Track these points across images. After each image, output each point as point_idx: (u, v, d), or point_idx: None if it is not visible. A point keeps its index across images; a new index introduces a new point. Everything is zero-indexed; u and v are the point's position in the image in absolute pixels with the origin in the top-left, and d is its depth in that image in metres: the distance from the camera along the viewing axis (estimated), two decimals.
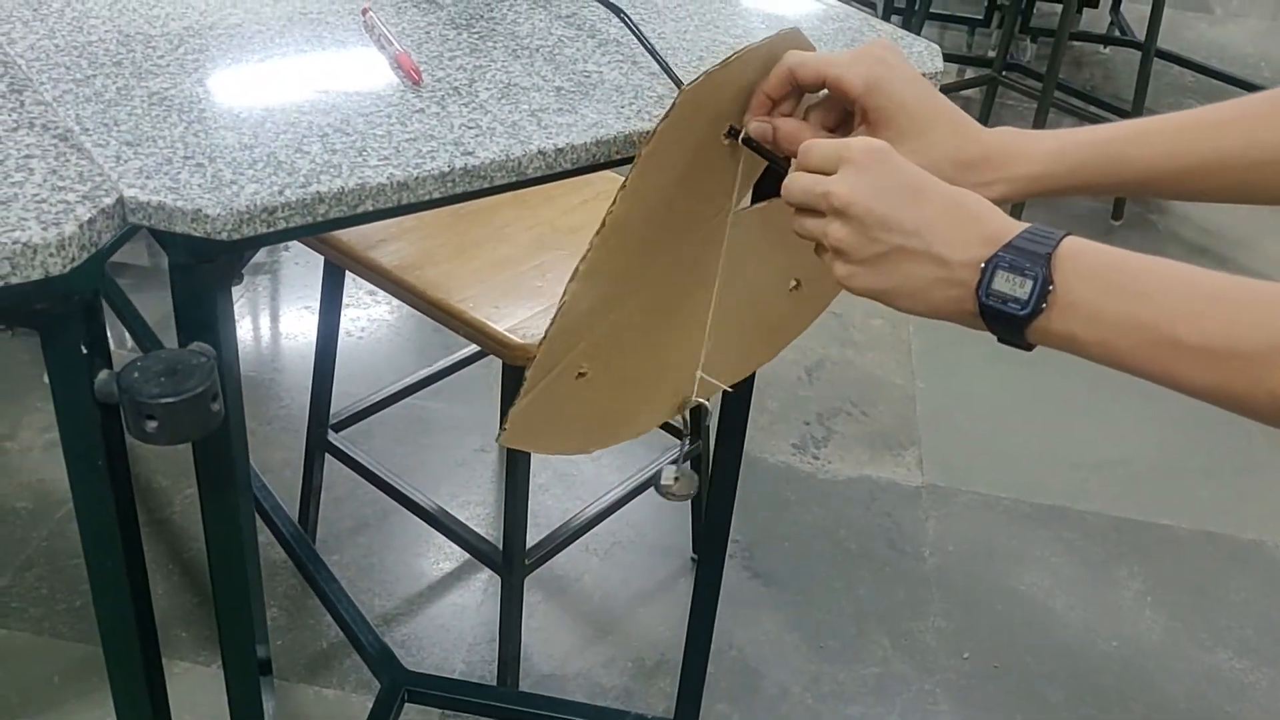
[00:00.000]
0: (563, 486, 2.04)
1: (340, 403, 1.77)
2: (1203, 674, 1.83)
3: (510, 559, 1.54)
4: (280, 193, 0.72)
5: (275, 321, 2.39)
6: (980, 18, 4.00)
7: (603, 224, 0.81)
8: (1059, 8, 3.01)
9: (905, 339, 2.55)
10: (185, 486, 1.94)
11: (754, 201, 1.00)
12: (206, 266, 0.75)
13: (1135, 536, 2.08)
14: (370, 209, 0.76)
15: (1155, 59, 3.01)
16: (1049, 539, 2.06)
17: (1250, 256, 3.05)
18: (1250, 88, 3.87)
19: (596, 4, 1.04)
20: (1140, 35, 4.08)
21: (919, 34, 2.87)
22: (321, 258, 1.52)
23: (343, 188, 0.74)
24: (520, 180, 0.81)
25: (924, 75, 0.84)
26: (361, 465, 1.70)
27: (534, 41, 0.97)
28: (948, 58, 3.92)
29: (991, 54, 3.61)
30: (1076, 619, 1.90)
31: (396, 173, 0.76)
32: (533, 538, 1.68)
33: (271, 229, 0.72)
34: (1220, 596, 1.98)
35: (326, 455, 1.76)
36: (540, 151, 0.82)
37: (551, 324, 0.85)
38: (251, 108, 0.81)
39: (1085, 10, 4.34)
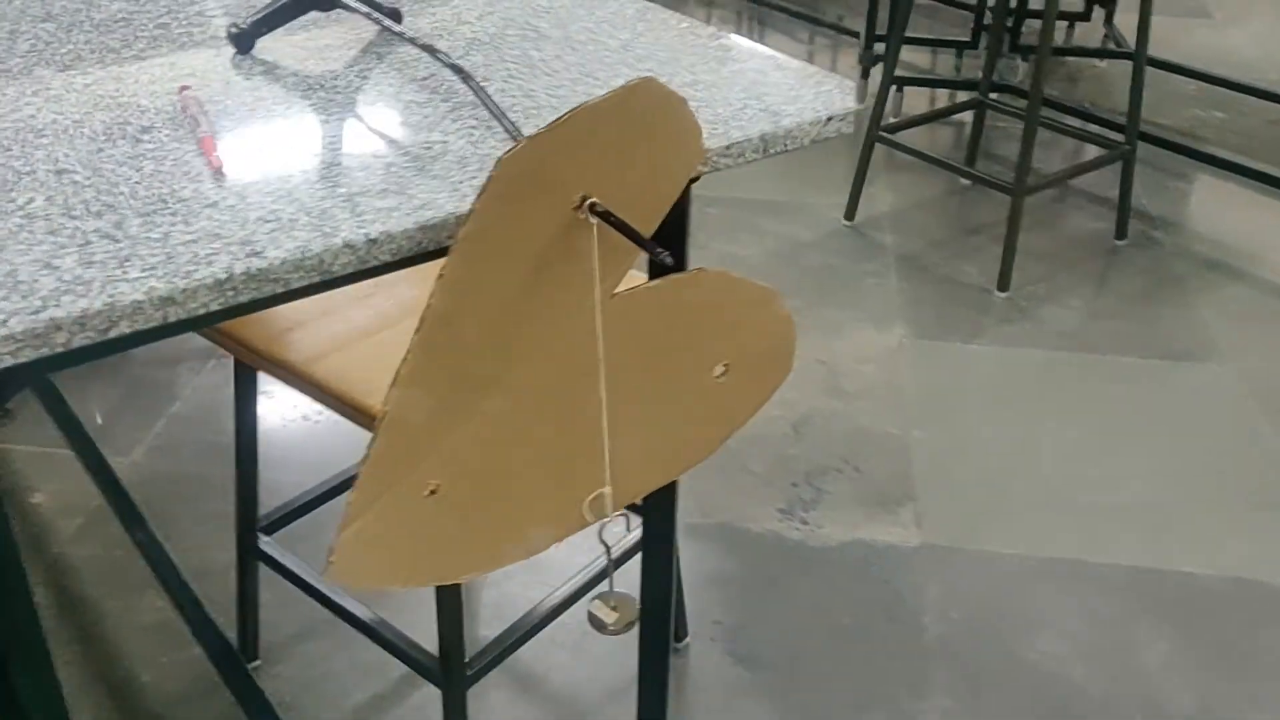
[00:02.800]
0: (529, 572, 1.89)
1: (285, 495, 1.64)
2: None
3: (449, 671, 1.39)
4: (4, 322, 0.58)
5: (215, 409, 2.27)
6: (967, 39, 3.86)
7: (422, 321, 0.68)
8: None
9: (899, 385, 2.40)
10: (112, 596, 1.80)
11: (652, 277, 0.86)
12: None
13: (1156, 589, 1.91)
14: (126, 331, 0.62)
15: (1156, 69, 2.86)
16: (1062, 598, 1.89)
17: (1262, 269, 2.87)
18: (1256, 93, 3.71)
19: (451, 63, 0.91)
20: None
21: (897, 59, 2.71)
22: None
23: (85, 310, 0.60)
24: (327, 279, 0.67)
25: (830, 117, 0.71)
26: (291, 572, 1.56)
27: (377, 108, 0.84)
28: (937, 83, 3.79)
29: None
30: (1097, 690, 1.73)
31: (159, 285, 0.62)
32: (493, 631, 1.54)
33: None
34: (1256, 653, 1.80)
35: (261, 562, 1.62)
36: (348, 244, 0.68)
37: (372, 442, 0.71)
38: (7, 215, 0.68)
39: (1078, 25, 4.20)
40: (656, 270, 0.84)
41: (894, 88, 3.62)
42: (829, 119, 0.85)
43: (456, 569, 0.82)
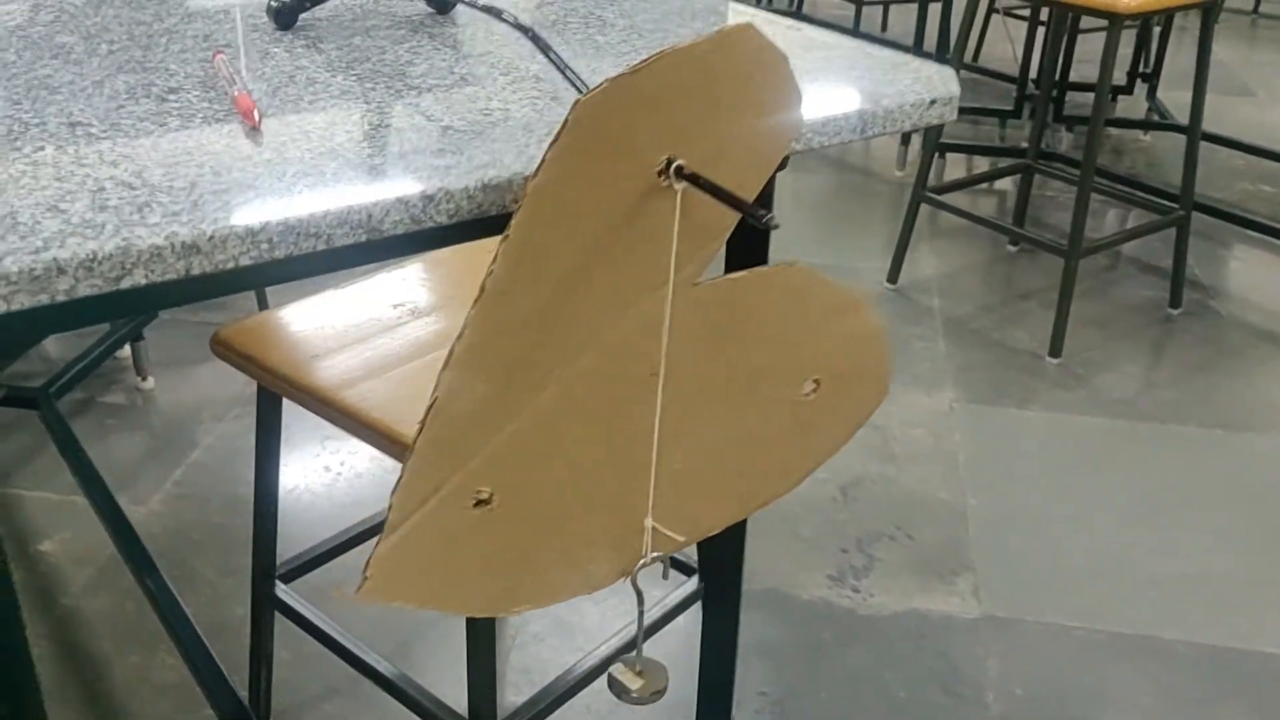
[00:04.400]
0: (561, 635, 1.77)
1: (304, 546, 1.54)
2: None
3: None
4: None
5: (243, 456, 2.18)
6: (1010, 109, 3.81)
7: (481, 290, 0.58)
8: (1091, 97, 2.80)
9: (951, 450, 2.29)
10: (122, 652, 1.70)
11: (728, 269, 0.77)
12: None
13: (1235, 667, 1.78)
14: (141, 281, 0.53)
15: (1204, 143, 2.79)
16: (1133, 675, 1.75)
17: None
18: None
19: (512, 31, 0.83)
20: (1181, 120, 3.87)
21: (939, 139, 2.64)
22: None
23: (95, 253, 0.51)
24: (375, 240, 0.58)
25: (934, 100, 0.62)
26: (310, 623, 1.45)
27: (428, 81, 0.76)
28: (982, 150, 3.72)
29: (1025, 145, 3.40)
30: None
31: (182, 231, 0.53)
32: (521, 696, 1.42)
33: None
34: None
35: (278, 612, 1.51)
36: (401, 200, 0.59)
37: (420, 432, 0.61)
38: (9, 163, 0.60)
39: (1120, 98, 4.14)
40: (736, 265, 0.75)
41: (936, 154, 3.56)
42: (932, 102, 0.76)
43: (507, 597, 0.71)
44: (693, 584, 1.47)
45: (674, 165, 0.62)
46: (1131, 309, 2.88)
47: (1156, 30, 4.07)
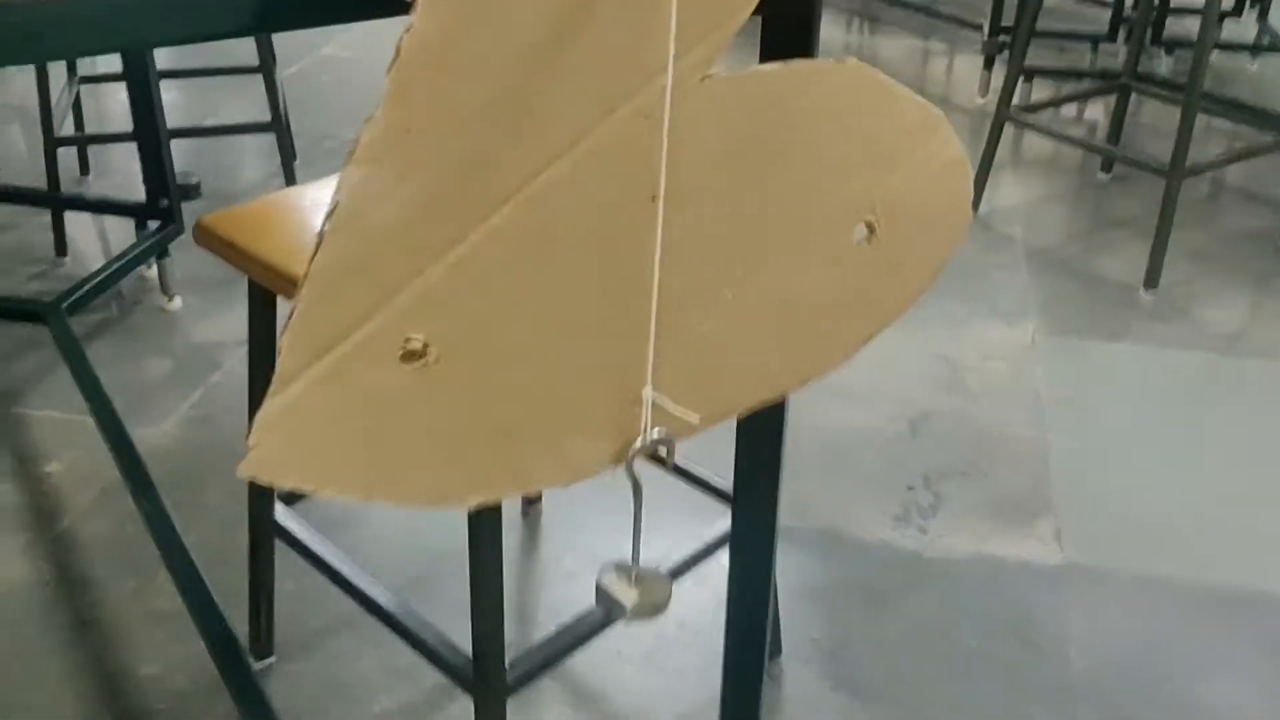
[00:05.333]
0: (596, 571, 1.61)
1: None
2: None
3: (483, 675, 1.12)
4: None
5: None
6: (1104, 32, 3.54)
7: (396, 54, 0.42)
8: (1191, 21, 2.55)
9: (1032, 384, 2.08)
10: (119, 578, 1.57)
11: (764, 56, 0.59)
12: None
13: None
14: None
15: None
16: (1237, 634, 1.55)
17: None
18: None
19: None
20: None
21: (1026, 47, 2.42)
22: None
23: None
24: None
25: None
26: (312, 552, 1.31)
27: None
28: (1066, 73, 3.46)
29: (1118, 70, 3.14)
30: None
31: None
32: (542, 635, 1.27)
33: None
34: None
35: (279, 540, 1.38)
36: None
37: (318, 248, 0.45)
38: None
39: (1225, 21, 3.84)
40: (770, 52, 0.57)
41: (1022, 78, 3.31)
42: None
43: (457, 484, 0.55)
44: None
45: None
46: (1237, 239, 2.63)
47: None
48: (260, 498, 1.35)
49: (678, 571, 1.36)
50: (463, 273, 0.50)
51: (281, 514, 1.35)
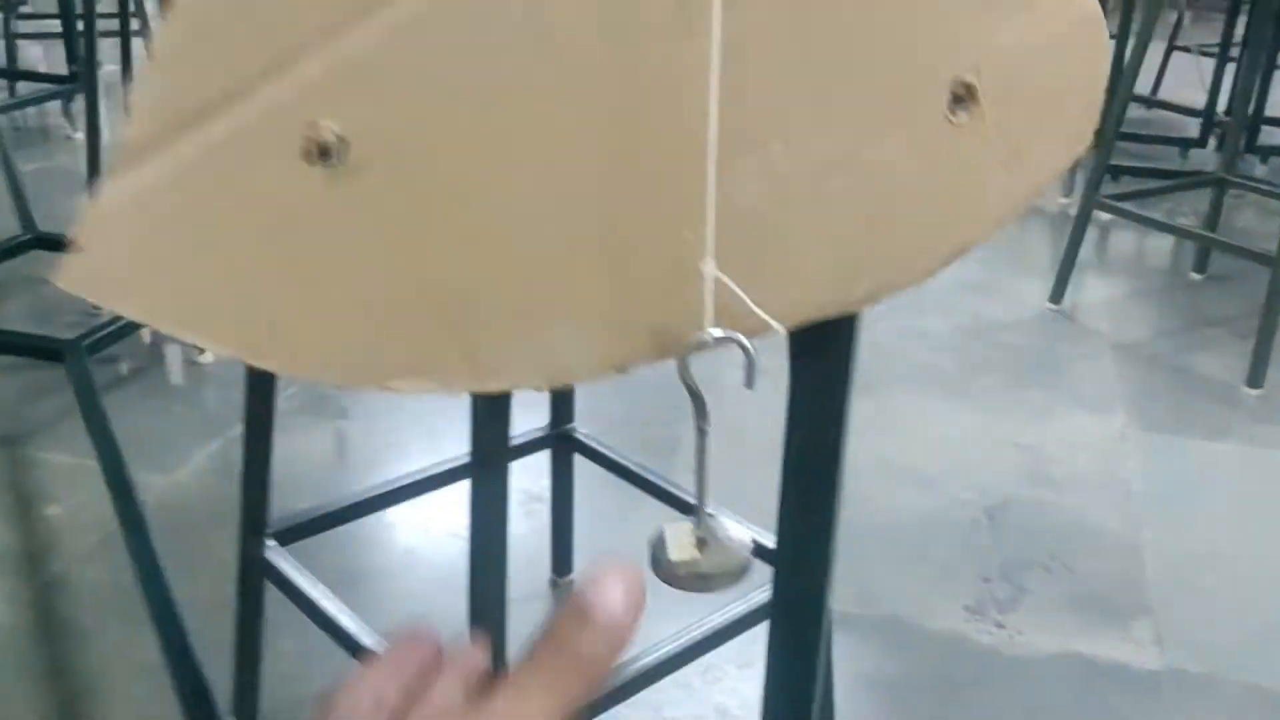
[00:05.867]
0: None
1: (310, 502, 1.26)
2: None
3: None
4: None
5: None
6: (1194, 137, 3.40)
7: None
8: None
9: (1123, 478, 1.88)
10: (108, 627, 1.43)
11: None
12: None
13: None
14: None
15: None
16: None
17: None
18: None
19: None
20: None
21: (1111, 151, 2.27)
22: None
23: None
24: None
25: None
26: (306, 598, 1.16)
27: None
28: (1155, 172, 3.28)
29: (1210, 170, 2.99)
30: None
31: None
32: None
33: None
34: None
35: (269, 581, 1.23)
36: None
37: None
38: None
39: None
40: None
41: (1108, 175, 3.17)
42: None
43: (386, 355, 0.40)
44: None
45: None
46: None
47: None
48: (251, 529, 1.21)
49: (712, 644, 1.18)
50: (403, 39, 0.36)
51: (273, 552, 1.21)
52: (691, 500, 0.46)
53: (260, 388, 1.14)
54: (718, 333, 0.44)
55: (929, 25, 0.44)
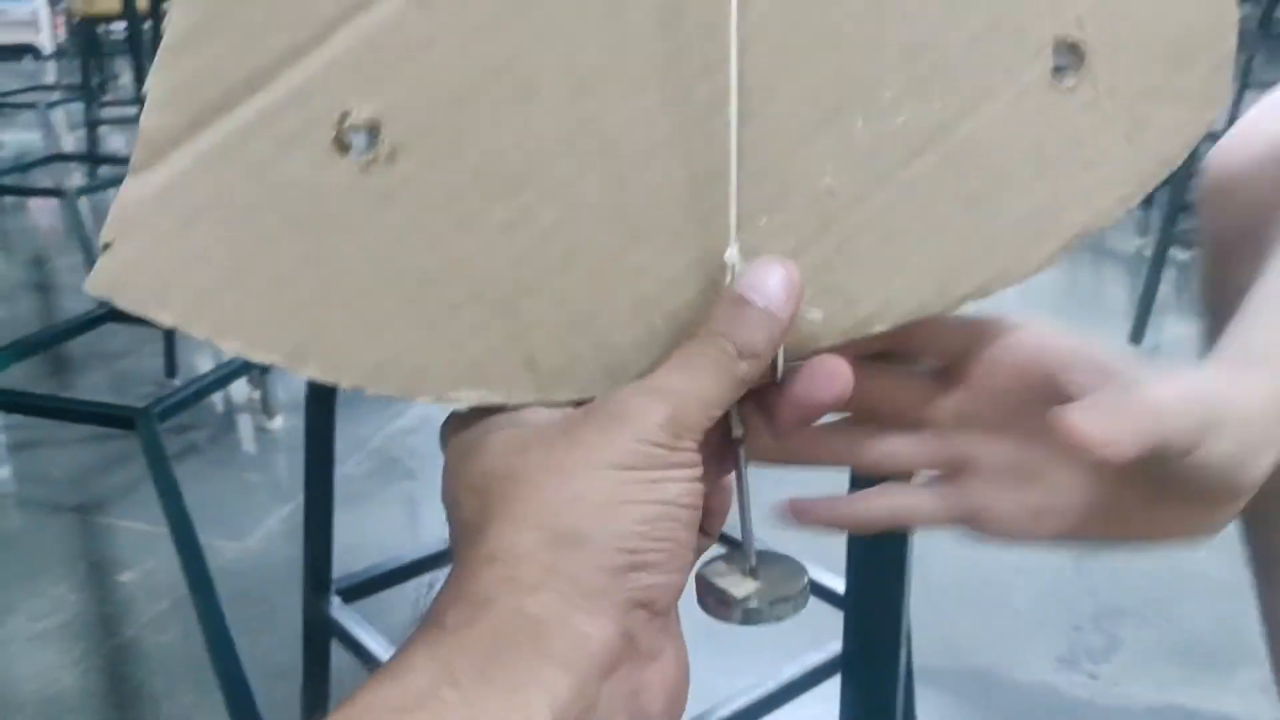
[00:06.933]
0: (713, 649, 1.39)
1: (373, 558, 1.24)
2: None
3: None
4: None
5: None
6: None
7: None
8: None
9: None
10: (178, 692, 1.42)
11: None
12: None
13: None
14: None
15: None
16: None
17: None
18: None
19: None
20: None
21: (1186, 188, 2.21)
22: None
23: None
24: None
25: None
26: (372, 654, 1.13)
27: None
28: None
29: None
30: None
31: None
32: None
33: None
34: None
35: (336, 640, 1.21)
36: None
37: None
38: None
39: None
40: None
41: (1182, 211, 3.09)
42: None
43: (438, 362, 0.38)
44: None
45: None
46: None
47: None
48: (315, 589, 1.19)
49: (781, 699, 1.13)
50: (437, 10, 0.34)
51: (339, 610, 1.19)
52: (736, 533, 0.42)
53: (319, 436, 1.13)
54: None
55: None
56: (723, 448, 0.40)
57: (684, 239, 0.38)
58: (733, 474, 0.42)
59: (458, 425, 0.38)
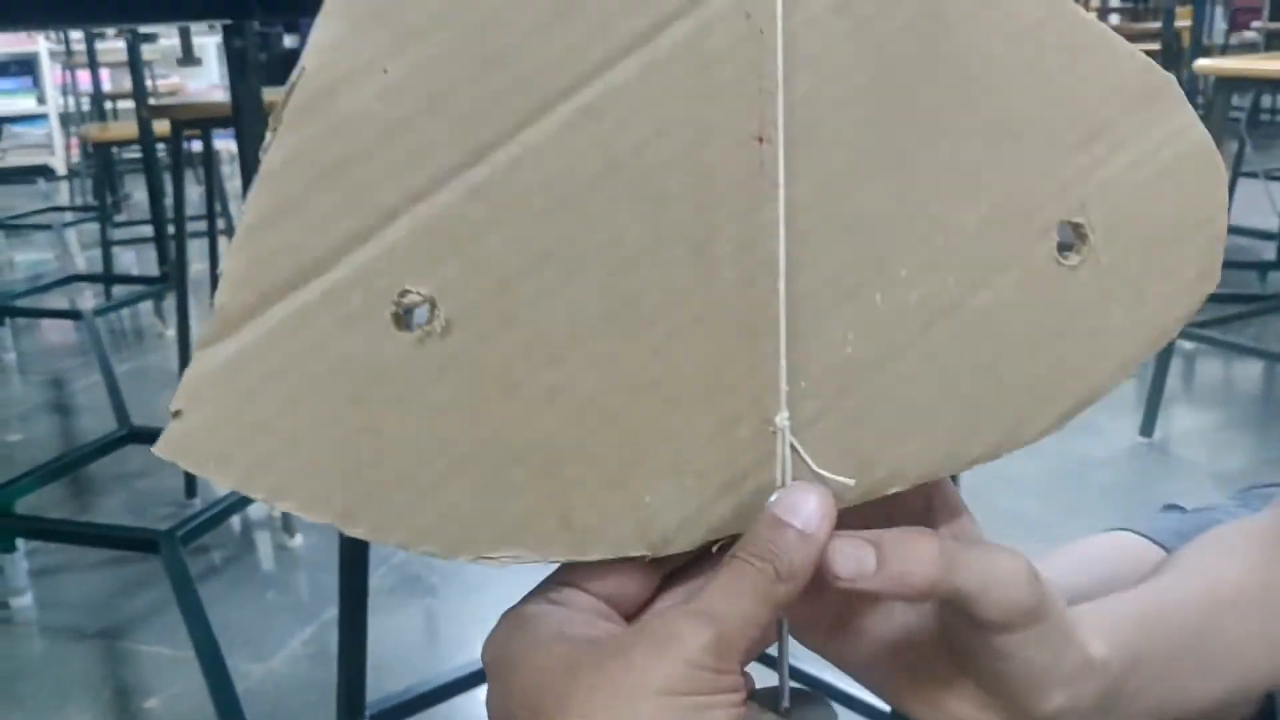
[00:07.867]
0: None
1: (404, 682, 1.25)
2: None
3: None
4: None
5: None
6: (1273, 260, 3.36)
7: None
8: None
9: None
10: None
11: None
12: None
13: None
14: None
15: None
16: None
17: None
18: None
19: None
20: None
21: None
22: None
23: None
24: None
25: None
26: None
27: None
28: (1236, 298, 3.21)
29: None
30: None
31: None
32: None
33: None
34: None
35: None
36: None
37: (275, 131, 0.34)
38: None
39: None
40: None
41: None
42: None
43: (484, 523, 0.40)
44: None
45: None
46: None
47: None
48: (349, 714, 1.20)
49: None
50: (489, 202, 0.37)
51: None
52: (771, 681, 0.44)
53: (354, 566, 1.14)
54: (783, 475, 0.42)
55: (1026, 168, 0.43)
56: None
57: (713, 405, 0.41)
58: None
59: (501, 639, 0.40)
